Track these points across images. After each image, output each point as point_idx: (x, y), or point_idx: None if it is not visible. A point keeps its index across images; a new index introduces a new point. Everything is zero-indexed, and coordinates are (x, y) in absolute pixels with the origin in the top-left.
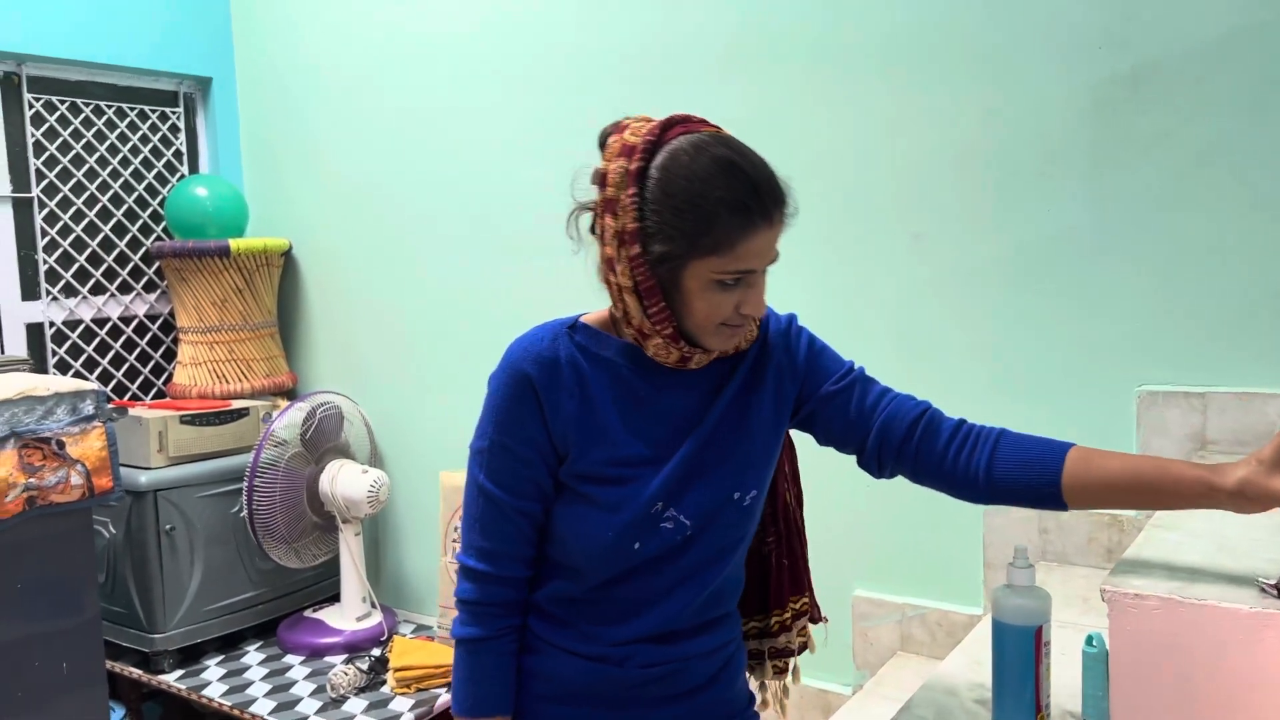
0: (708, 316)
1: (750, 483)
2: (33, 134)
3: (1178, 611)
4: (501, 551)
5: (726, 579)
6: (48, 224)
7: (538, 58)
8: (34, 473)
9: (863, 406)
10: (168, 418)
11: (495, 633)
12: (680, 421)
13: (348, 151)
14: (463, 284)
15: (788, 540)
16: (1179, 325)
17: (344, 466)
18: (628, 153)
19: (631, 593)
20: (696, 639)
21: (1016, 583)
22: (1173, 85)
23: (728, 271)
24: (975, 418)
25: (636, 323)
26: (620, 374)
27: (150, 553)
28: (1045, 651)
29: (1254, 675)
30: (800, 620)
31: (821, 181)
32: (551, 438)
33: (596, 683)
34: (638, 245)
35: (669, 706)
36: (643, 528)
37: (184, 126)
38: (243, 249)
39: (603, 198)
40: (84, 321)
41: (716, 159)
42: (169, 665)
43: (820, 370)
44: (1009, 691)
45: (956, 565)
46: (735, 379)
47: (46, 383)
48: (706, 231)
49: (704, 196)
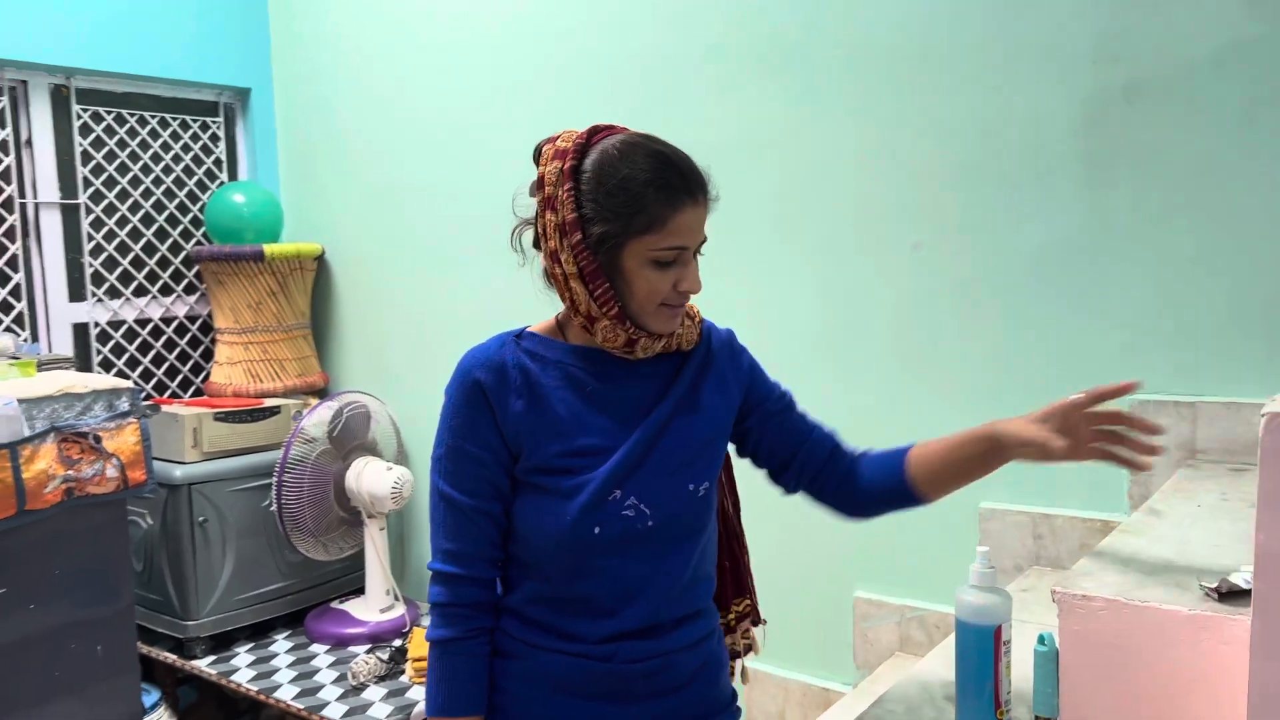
0: (648, 295)
1: (703, 474)
2: (80, 143)
3: (1122, 613)
4: (466, 552)
5: (698, 571)
6: (94, 229)
7: (566, 69)
8: (72, 465)
9: (793, 432)
10: (202, 415)
11: (466, 633)
12: (630, 413)
13: (379, 160)
14: (488, 290)
15: (727, 543)
16: (1169, 335)
17: (369, 463)
18: (561, 155)
19: (604, 588)
20: (677, 632)
21: (977, 584)
22: (1165, 99)
23: (662, 248)
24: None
25: (584, 308)
26: (568, 371)
27: (184, 544)
28: (1005, 650)
29: (1193, 674)
30: (743, 622)
31: (823, 191)
32: (504, 438)
33: (585, 677)
34: (579, 232)
35: (658, 700)
36: (600, 512)
37: (224, 135)
38: (276, 254)
39: (542, 197)
40: (127, 322)
41: (638, 146)
42: (201, 651)
43: (761, 386)
44: (970, 689)
45: (954, 568)
46: (684, 375)
47: (85, 380)
48: (639, 211)
49: (633, 180)
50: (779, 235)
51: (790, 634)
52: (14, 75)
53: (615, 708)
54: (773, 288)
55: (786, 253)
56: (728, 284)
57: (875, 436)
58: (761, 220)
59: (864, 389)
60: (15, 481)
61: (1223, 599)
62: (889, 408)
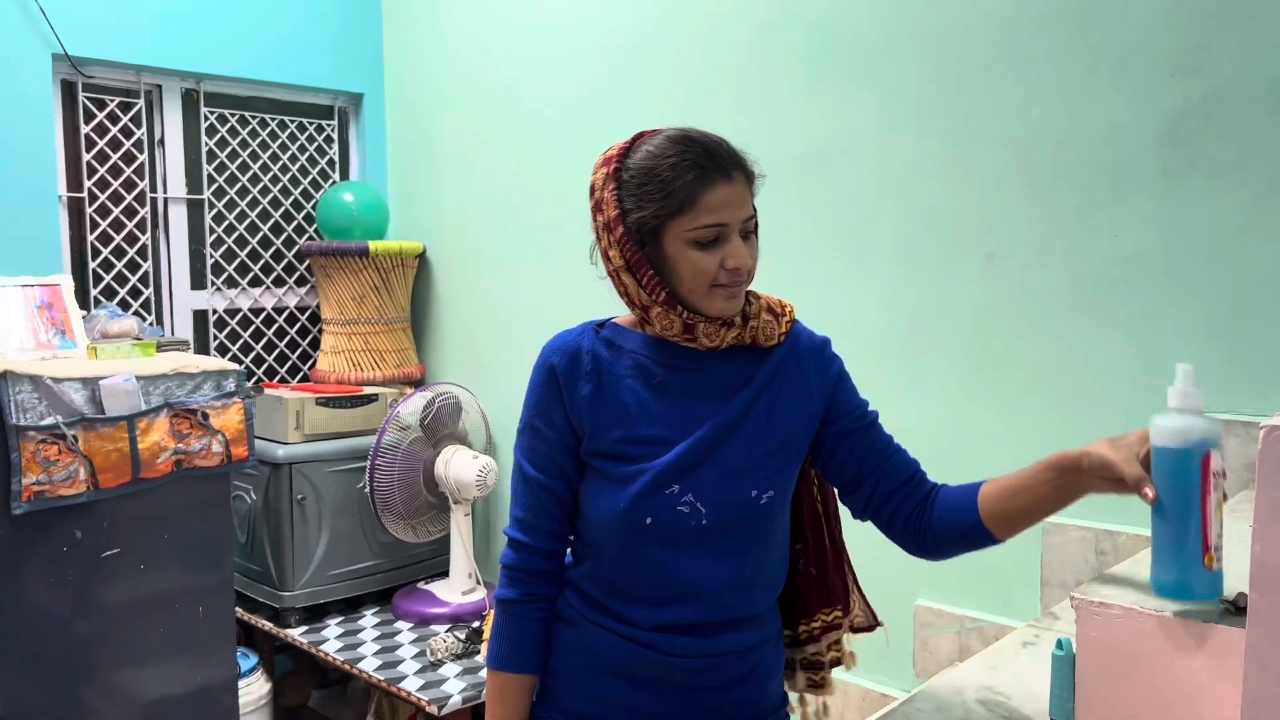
0: (695, 278)
1: (769, 481)
2: (206, 143)
3: (1137, 621)
4: (534, 524)
5: (755, 578)
6: (215, 223)
7: (654, 78)
8: (182, 439)
9: (872, 452)
10: (305, 399)
11: (524, 597)
12: (699, 408)
13: (479, 165)
14: (576, 290)
15: (816, 550)
16: (1242, 353)
17: (458, 452)
18: (607, 162)
19: (654, 579)
20: (727, 636)
21: (1179, 405)
22: (1243, 115)
23: (698, 227)
24: (1033, 440)
25: (637, 299)
26: (640, 362)
27: (284, 519)
28: (1216, 484)
29: (1203, 683)
30: (833, 633)
31: (897, 201)
32: (570, 420)
33: (630, 661)
34: (621, 227)
35: (699, 698)
36: (655, 503)
37: (337, 138)
38: (381, 250)
39: (593, 202)
40: (242, 310)
41: (671, 137)
42: (295, 621)
43: (846, 398)
44: (1171, 530)
45: (1016, 581)
46: (760, 375)
47: (196, 361)
48: (669, 194)
49: (660, 165)
50: (853, 242)
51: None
52: (150, 80)
53: (653, 695)
54: (845, 294)
55: (860, 260)
56: (798, 289)
57: (942, 447)
58: (837, 227)
59: (932, 398)
60: (132, 451)
61: (1240, 612)
62: (956, 419)
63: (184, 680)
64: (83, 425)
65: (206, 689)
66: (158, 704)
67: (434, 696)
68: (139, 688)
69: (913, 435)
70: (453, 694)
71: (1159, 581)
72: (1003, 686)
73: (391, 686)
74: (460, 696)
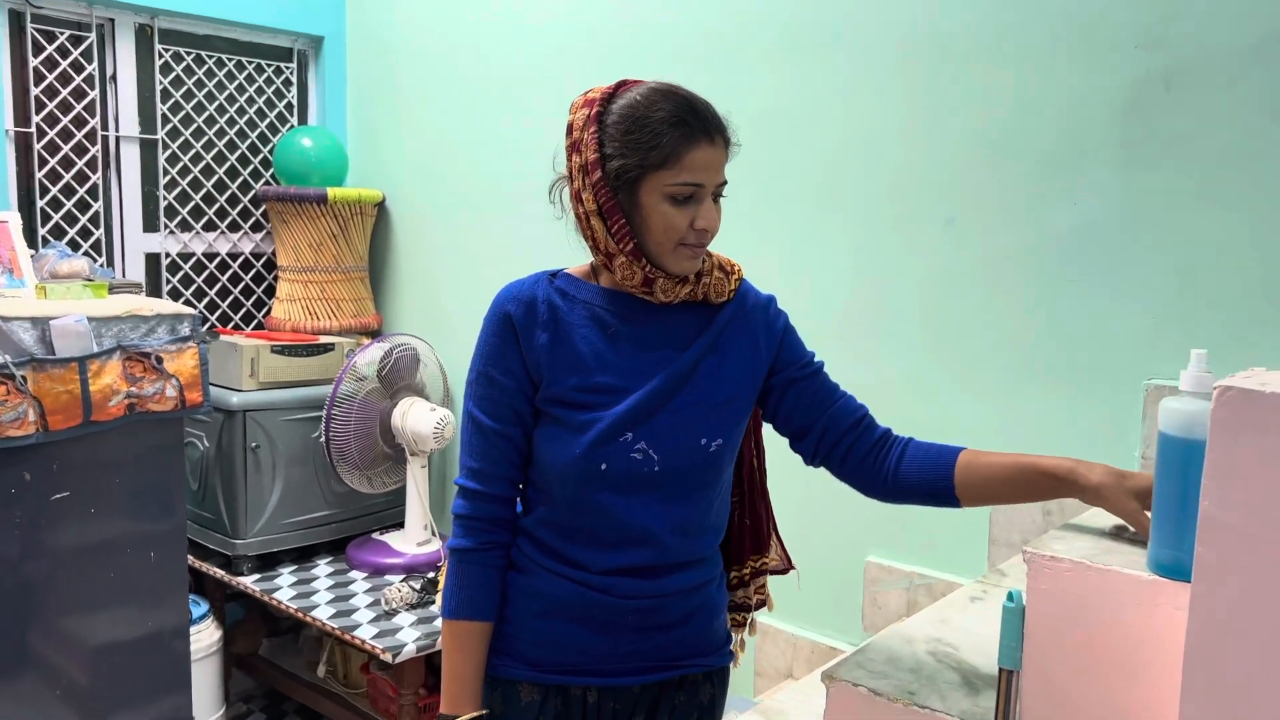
0: (665, 233)
1: (718, 430)
2: (161, 81)
3: (1086, 575)
4: (488, 471)
5: (702, 523)
6: (169, 164)
7: (620, 34)
8: (135, 382)
9: (818, 399)
10: (260, 346)
11: (481, 545)
12: (653, 359)
13: (442, 113)
14: (537, 244)
15: (750, 501)
16: (1195, 321)
17: (415, 404)
18: (589, 103)
19: (606, 523)
20: (674, 576)
21: (1191, 389)
22: (1203, 88)
23: (677, 184)
24: (989, 404)
25: (603, 244)
26: (595, 313)
27: (237, 467)
28: None
29: (1147, 636)
30: (759, 578)
31: (861, 164)
32: (527, 368)
33: (583, 604)
34: (599, 171)
35: (649, 636)
36: (609, 450)
37: (296, 81)
38: (339, 197)
39: (569, 142)
40: (196, 255)
41: (659, 90)
42: (247, 569)
43: (792, 349)
44: (1170, 517)
45: (964, 540)
46: (711, 329)
47: (150, 304)
48: (654, 146)
49: (649, 117)
50: (816, 205)
51: (802, 594)
52: (102, 13)
53: (604, 637)
54: (807, 257)
55: (822, 223)
56: (763, 251)
57: (899, 407)
58: (799, 190)
59: (890, 360)
60: (83, 393)
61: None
62: (915, 380)
63: (134, 626)
64: (32, 366)
65: (157, 635)
66: (107, 649)
67: (388, 645)
68: (88, 633)
69: (872, 394)
70: (407, 642)
71: (1157, 560)
72: (951, 638)
73: (345, 635)
74: (415, 645)
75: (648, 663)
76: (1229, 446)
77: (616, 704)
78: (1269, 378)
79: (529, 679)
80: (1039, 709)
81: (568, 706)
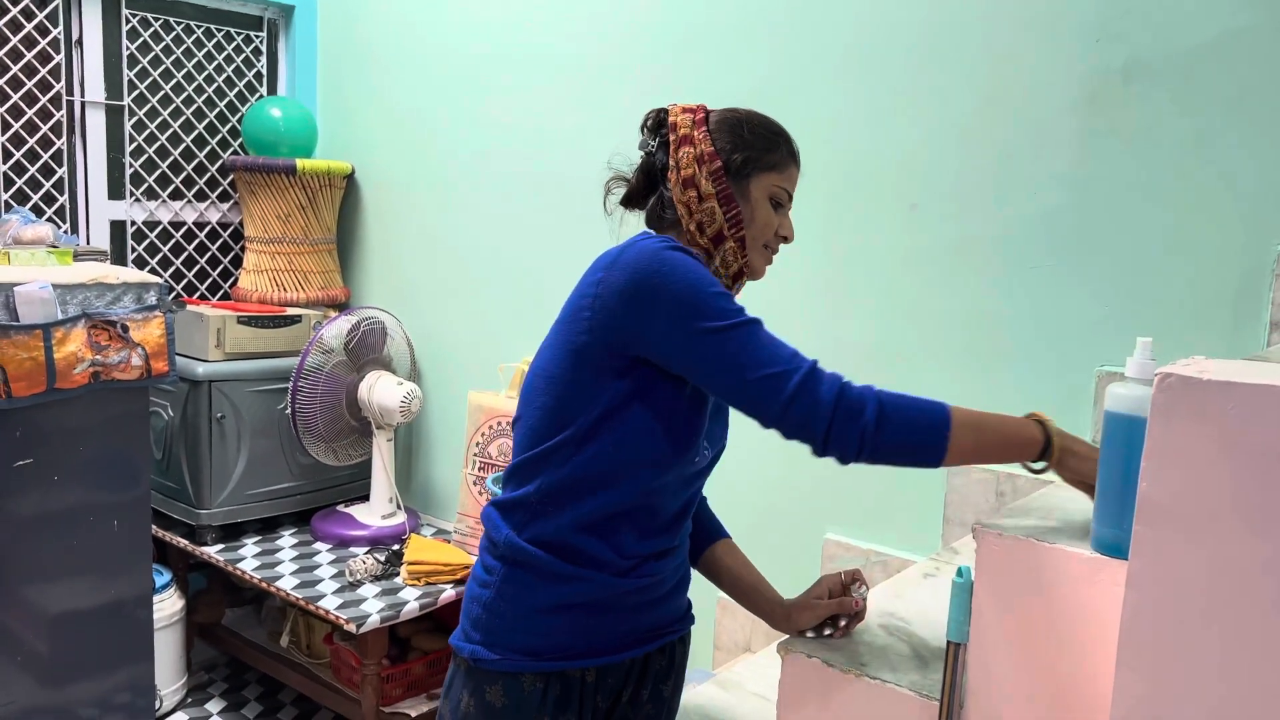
0: (762, 229)
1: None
2: (128, 47)
3: (1032, 551)
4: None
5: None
6: (135, 131)
7: (591, 15)
8: (100, 351)
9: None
10: (227, 317)
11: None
12: None
13: (412, 86)
14: (507, 220)
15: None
16: (1144, 311)
17: (381, 377)
18: (690, 111)
19: (656, 511)
20: (673, 558)
21: (1136, 375)
22: (1161, 82)
23: (780, 188)
24: (946, 384)
25: (717, 228)
26: None
27: (202, 437)
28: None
29: (1088, 612)
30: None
31: (829, 149)
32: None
33: (589, 596)
34: (719, 160)
35: (644, 613)
36: (687, 461)
37: (266, 50)
38: (308, 169)
39: (677, 138)
40: (162, 223)
41: (756, 113)
42: (211, 539)
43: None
44: (1114, 492)
45: (919, 518)
46: None
47: (117, 272)
48: (772, 149)
49: (766, 127)
50: None
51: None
52: None
53: (604, 619)
54: None
55: None
56: None
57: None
58: None
59: (854, 339)
60: (47, 360)
61: None
62: (877, 359)
63: (97, 594)
64: None
65: (120, 603)
66: (69, 617)
67: (352, 615)
68: (50, 601)
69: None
70: (371, 613)
71: (1100, 539)
72: (904, 613)
73: (309, 605)
74: (379, 616)
75: (640, 637)
76: (1167, 431)
77: (611, 679)
78: (1208, 365)
79: (531, 669)
80: (984, 680)
81: (567, 689)
